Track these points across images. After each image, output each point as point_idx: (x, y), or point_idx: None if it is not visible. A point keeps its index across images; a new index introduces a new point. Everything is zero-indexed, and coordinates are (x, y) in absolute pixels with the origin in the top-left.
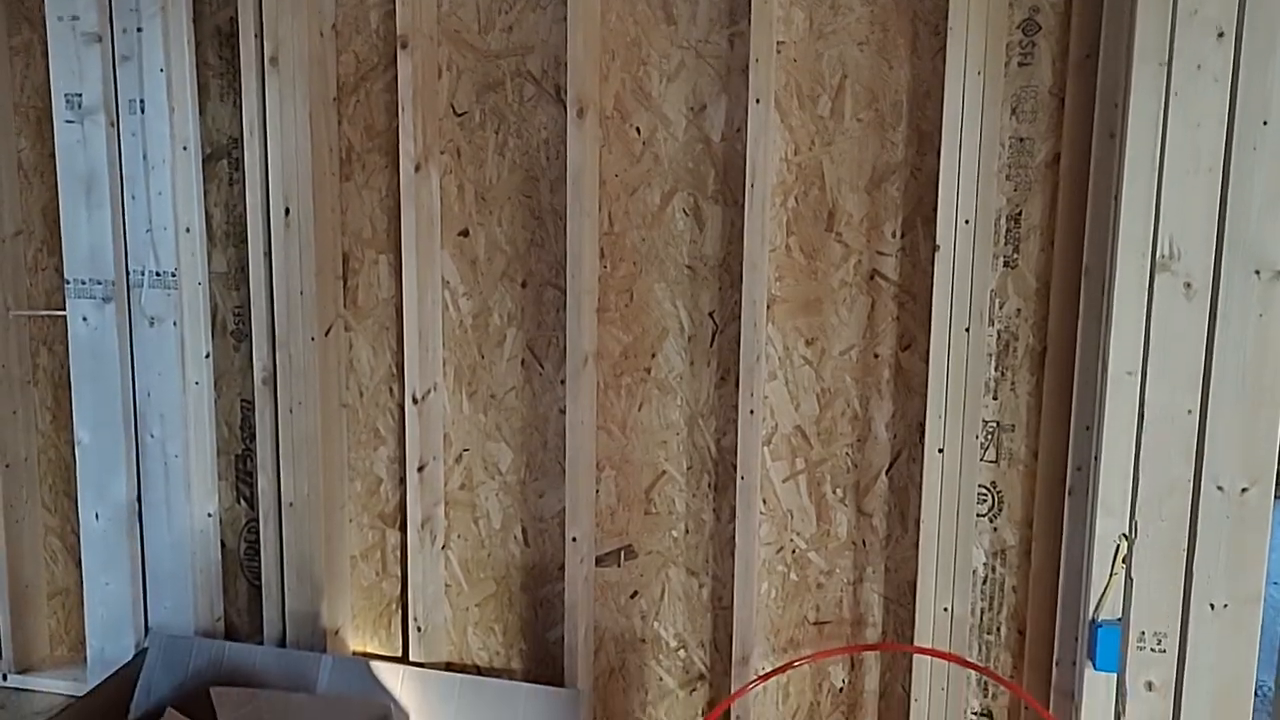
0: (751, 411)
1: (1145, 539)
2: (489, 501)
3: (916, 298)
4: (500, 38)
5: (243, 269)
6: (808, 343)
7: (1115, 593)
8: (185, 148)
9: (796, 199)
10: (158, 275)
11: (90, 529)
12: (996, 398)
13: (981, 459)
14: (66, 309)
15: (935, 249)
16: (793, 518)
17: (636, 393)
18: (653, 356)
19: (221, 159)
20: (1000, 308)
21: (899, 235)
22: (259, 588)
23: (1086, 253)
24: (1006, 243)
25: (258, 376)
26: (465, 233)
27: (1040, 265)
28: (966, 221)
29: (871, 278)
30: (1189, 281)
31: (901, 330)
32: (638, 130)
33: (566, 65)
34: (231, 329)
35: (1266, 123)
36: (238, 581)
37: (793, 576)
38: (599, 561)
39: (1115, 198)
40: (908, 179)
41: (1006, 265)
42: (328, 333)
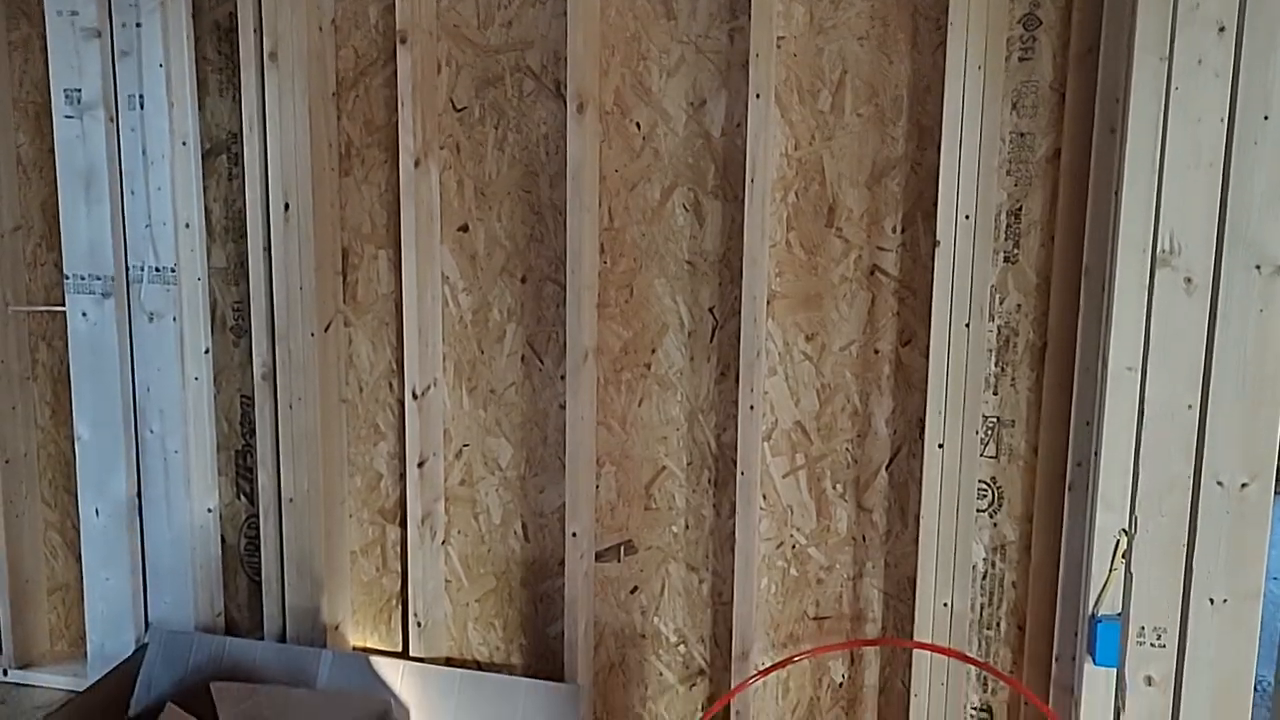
0: (751, 407)
1: (1145, 534)
2: (489, 497)
3: (917, 293)
4: (499, 33)
5: (242, 264)
6: (808, 338)
7: (1115, 588)
8: (185, 143)
9: (797, 194)
10: (157, 271)
11: (90, 524)
12: (997, 393)
13: (981, 454)
14: (66, 304)
15: (935, 244)
16: (793, 513)
17: (636, 388)
18: (653, 352)
19: (221, 154)
20: (1000, 303)
21: (899, 230)
22: (259, 583)
23: (1087, 248)
24: (1007, 238)
25: (257, 372)
26: (465, 228)
27: (1040, 261)
28: (967, 217)
29: (872, 273)
30: (1189, 277)
31: (902, 325)
32: (637, 125)
33: (566, 60)
34: (231, 324)
35: (1267, 117)
36: (238, 577)
37: (793, 572)
38: (599, 557)
39: (1116, 193)
40: (908, 174)
41: (1007, 260)
42: (327, 328)
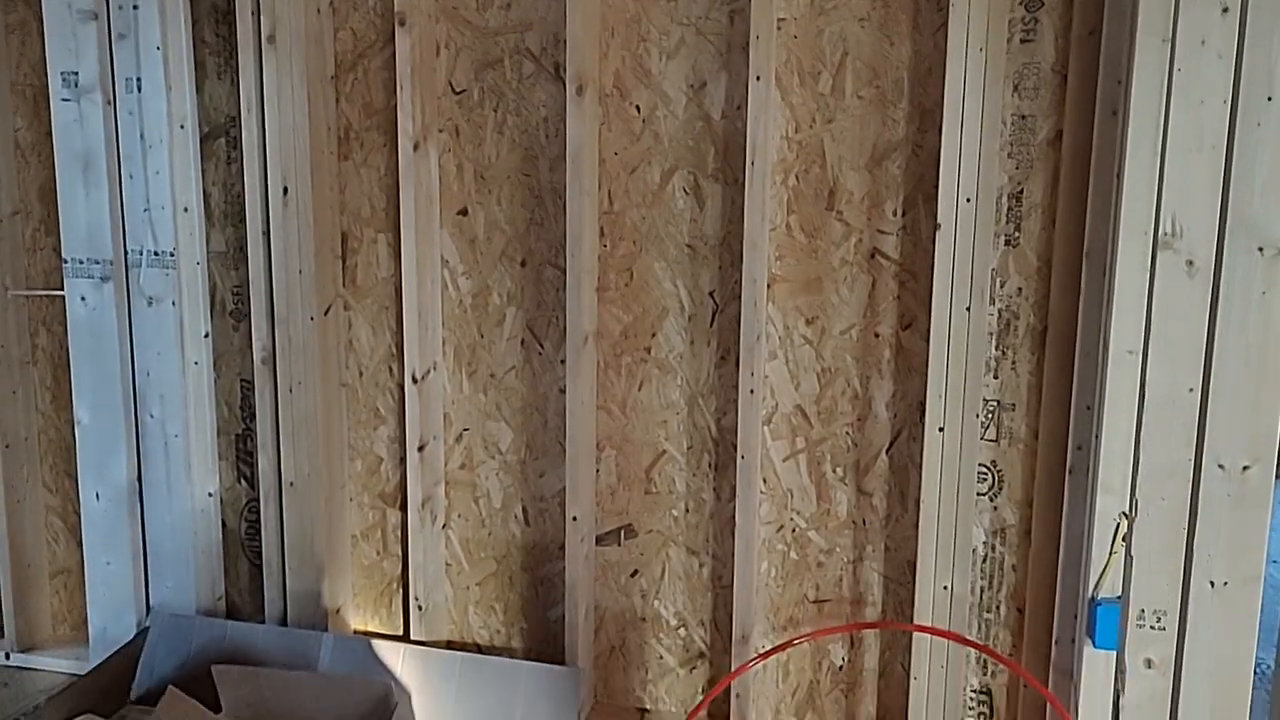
0: (752, 391)
1: (1146, 517)
2: (489, 481)
3: (917, 276)
4: (499, 14)
5: (241, 248)
6: (808, 322)
7: (1115, 571)
8: (183, 126)
9: (797, 177)
10: (156, 255)
11: (91, 509)
12: (997, 377)
13: (982, 438)
14: (65, 289)
15: (936, 227)
16: (793, 497)
17: (637, 372)
18: (653, 336)
19: (219, 138)
20: (1001, 286)
21: (900, 214)
22: (260, 567)
23: (1088, 231)
24: (1008, 221)
25: (257, 356)
26: (464, 211)
27: (1041, 244)
28: (968, 200)
29: (872, 256)
30: (1191, 259)
31: (902, 309)
32: (637, 108)
33: (565, 42)
34: (230, 309)
35: (1271, 99)
36: (239, 561)
37: (793, 555)
38: (599, 541)
39: (1117, 176)
40: (909, 157)
41: (1008, 244)
42: (327, 312)
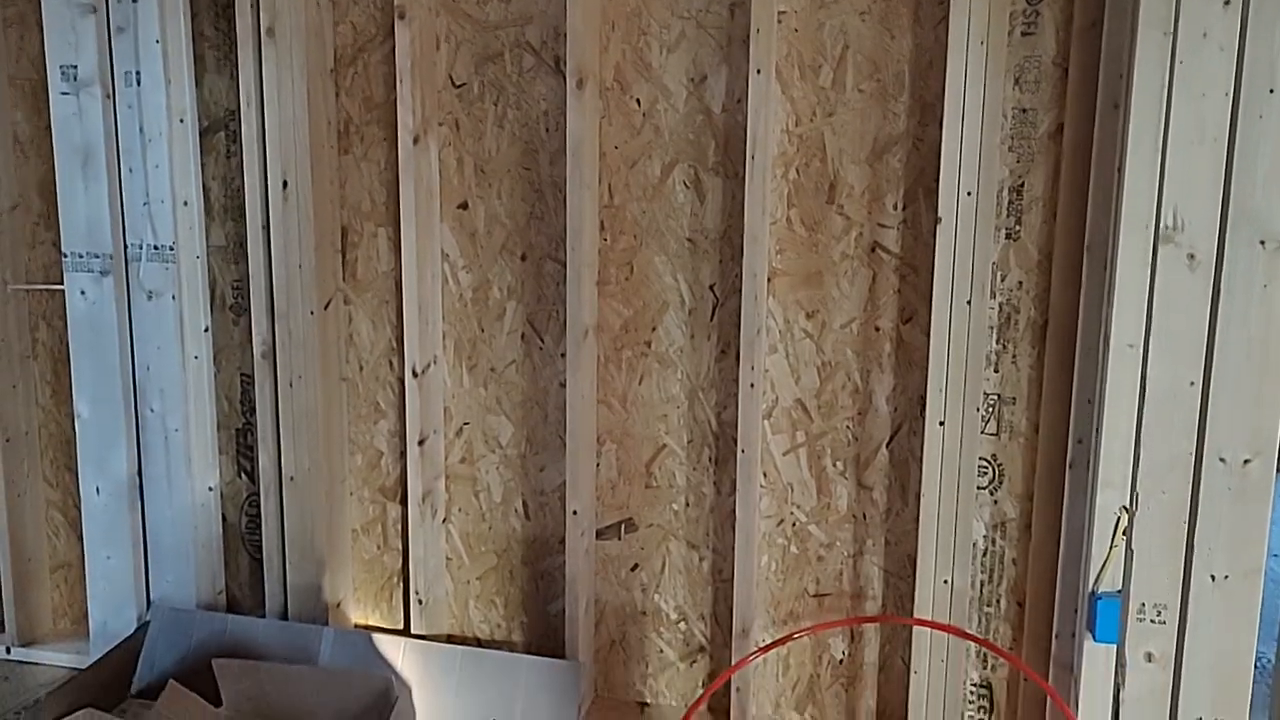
0: (752, 385)
1: (1146, 511)
2: (489, 475)
3: (918, 270)
4: (499, 8)
5: (241, 243)
6: (808, 316)
7: (1115, 565)
8: (182, 120)
9: (797, 171)
10: (156, 249)
11: (91, 503)
12: (998, 370)
13: (982, 432)
14: (65, 283)
15: (937, 221)
16: (793, 491)
17: (637, 366)
18: (653, 330)
19: (219, 132)
20: (1002, 280)
21: (900, 207)
22: (260, 561)
23: (1089, 225)
24: (1009, 214)
25: (257, 350)
26: (465, 205)
27: (1042, 237)
28: (969, 193)
29: (873, 250)
30: (1192, 253)
31: (903, 303)
32: (638, 102)
33: (566, 36)
34: (230, 303)
35: (1273, 91)
36: (239, 555)
37: (793, 549)
38: (600, 535)
39: (1118, 169)
40: (909, 150)
41: (1008, 237)
42: (327, 306)
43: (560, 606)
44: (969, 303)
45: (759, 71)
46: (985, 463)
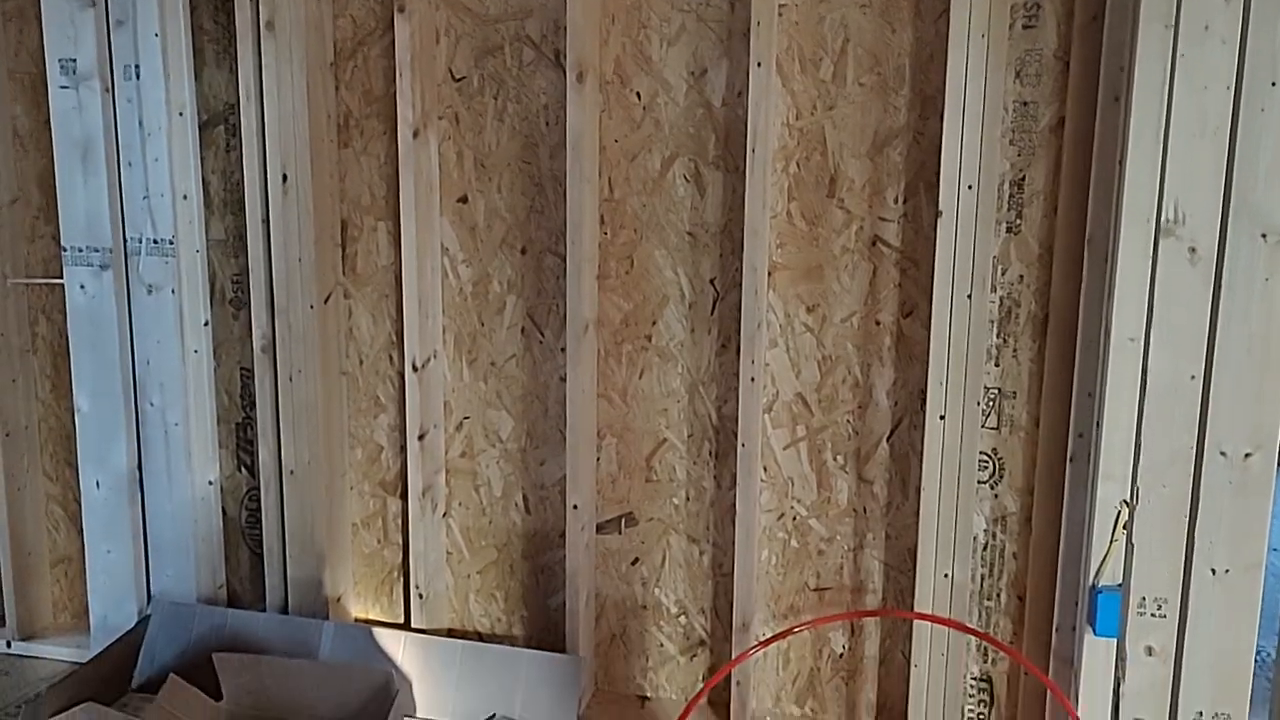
0: (752, 379)
1: (1147, 505)
2: (490, 469)
3: (918, 264)
4: (498, 1)
5: (241, 236)
6: (809, 310)
7: (1115, 559)
8: (181, 114)
9: (798, 164)
10: (155, 243)
11: (91, 497)
12: (998, 364)
13: (983, 426)
14: (64, 277)
15: (938, 215)
16: (793, 485)
17: (637, 360)
18: (653, 324)
19: (218, 125)
20: (1003, 274)
21: (901, 201)
22: (261, 555)
23: (1090, 218)
24: (1009, 208)
25: (257, 344)
26: (464, 199)
27: (1043, 231)
28: (969, 187)
29: (873, 244)
30: (1194, 246)
31: (903, 297)
32: (638, 95)
33: (566, 29)
34: (230, 297)
35: (1275, 84)
36: (239, 549)
37: (793, 543)
38: (600, 529)
39: (1120, 162)
40: (910, 144)
41: (1009, 231)
42: (327, 300)
43: (560, 600)
44: (969, 297)
45: (759, 65)
46: (986, 457)
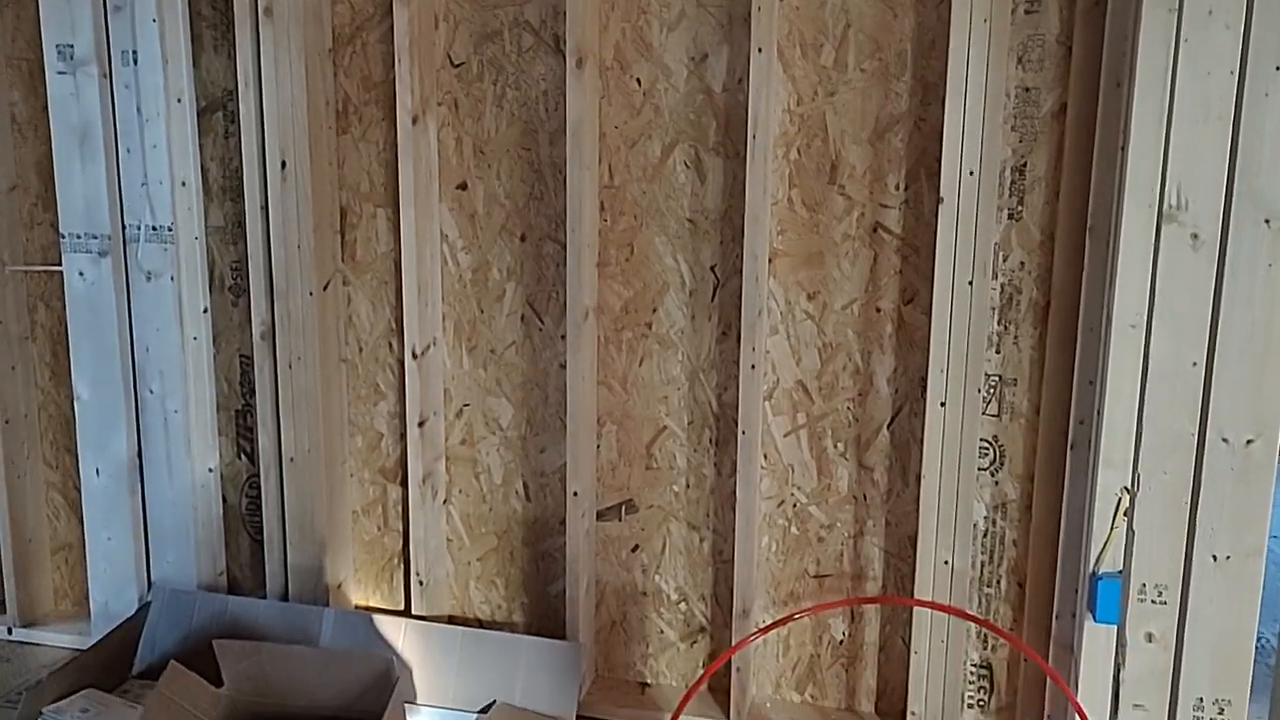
0: (753, 366)
1: (1148, 492)
2: (490, 457)
3: (919, 251)
4: None
5: (240, 223)
6: (809, 297)
7: (1116, 546)
8: (179, 100)
9: (799, 151)
10: (154, 230)
11: (91, 484)
12: (999, 351)
13: (983, 413)
14: (63, 264)
15: (939, 201)
16: (794, 472)
17: (637, 348)
18: (654, 311)
19: (217, 112)
20: (1004, 261)
21: (902, 187)
22: (261, 543)
23: (1092, 205)
24: (1011, 195)
25: (256, 332)
26: (464, 186)
27: (1045, 217)
28: (971, 173)
29: (874, 231)
30: (1196, 232)
31: (904, 284)
32: (638, 81)
33: (565, 15)
34: (229, 284)
35: (1279, 68)
36: (240, 537)
37: (793, 530)
38: (600, 516)
39: (1122, 148)
40: (911, 130)
41: (1011, 218)
42: (326, 287)
43: (561, 587)
44: (971, 283)
45: (760, 50)
46: (986, 444)
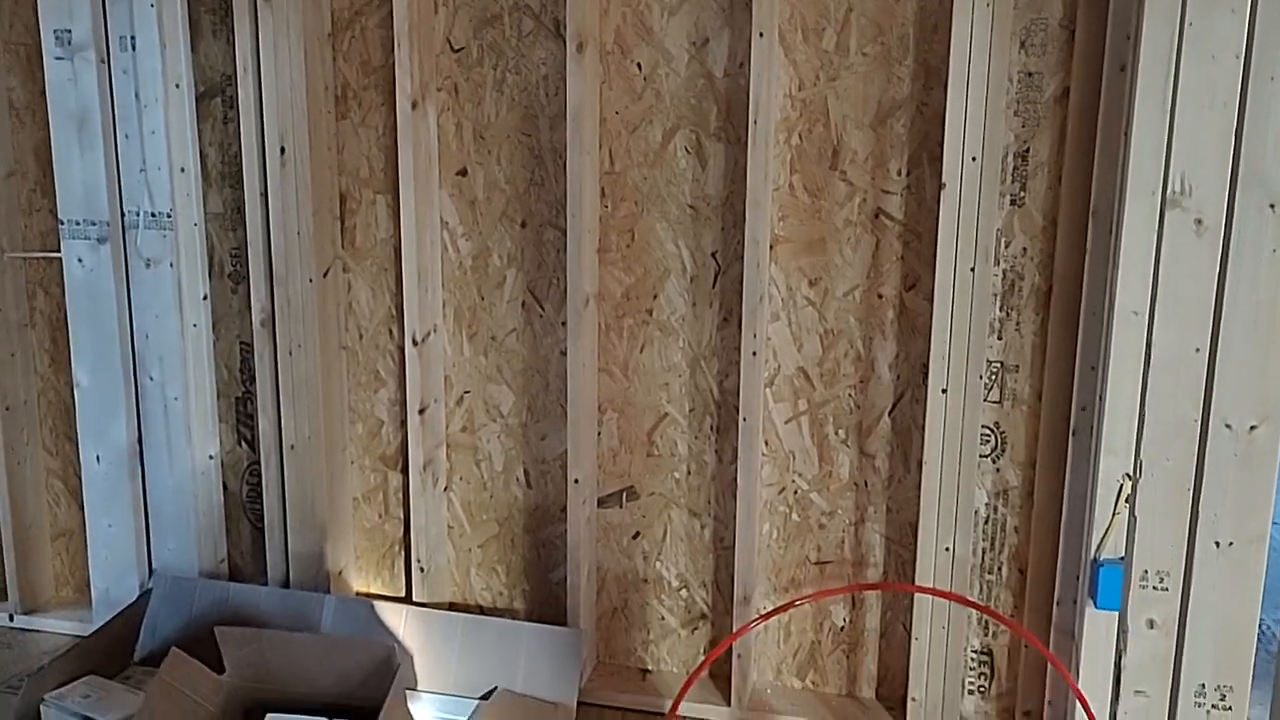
0: (754, 353)
1: (1150, 478)
2: (490, 444)
3: (921, 237)
4: None
5: (239, 210)
6: (811, 283)
7: (1117, 532)
8: (178, 86)
9: (800, 136)
10: (153, 216)
11: (91, 471)
12: (1001, 338)
13: (985, 399)
14: (62, 251)
15: (941, 187)
16: (795, 459)
17: (638, 334)
18: (654, 298)
19: (215, 97)
20: (1006, 246)
21: (904, 173)
22: (262, 530)
23: (1095, 190)
24: (1013, 180)
25: (256, 318)
26: (464, 172)
27: (1047, 203)
28: (973, 158)
29: (876, 216)
30: (1200, 218)
31: (906, 270)
32: (639, 66)
33: None
34: (229, 270)
35: None
36: (240, 523)
37: (794, 517)
38: (601, 503)
39: (1125, 133)
40: (914, 115)
41: (1013, 203)
42: (326, 274)
43: (562, 574)
44: (973, 269)
45: (761, 35)
46: (988, 430)
